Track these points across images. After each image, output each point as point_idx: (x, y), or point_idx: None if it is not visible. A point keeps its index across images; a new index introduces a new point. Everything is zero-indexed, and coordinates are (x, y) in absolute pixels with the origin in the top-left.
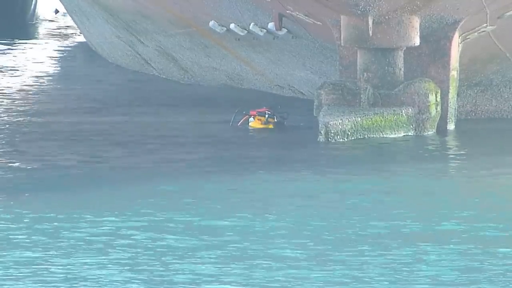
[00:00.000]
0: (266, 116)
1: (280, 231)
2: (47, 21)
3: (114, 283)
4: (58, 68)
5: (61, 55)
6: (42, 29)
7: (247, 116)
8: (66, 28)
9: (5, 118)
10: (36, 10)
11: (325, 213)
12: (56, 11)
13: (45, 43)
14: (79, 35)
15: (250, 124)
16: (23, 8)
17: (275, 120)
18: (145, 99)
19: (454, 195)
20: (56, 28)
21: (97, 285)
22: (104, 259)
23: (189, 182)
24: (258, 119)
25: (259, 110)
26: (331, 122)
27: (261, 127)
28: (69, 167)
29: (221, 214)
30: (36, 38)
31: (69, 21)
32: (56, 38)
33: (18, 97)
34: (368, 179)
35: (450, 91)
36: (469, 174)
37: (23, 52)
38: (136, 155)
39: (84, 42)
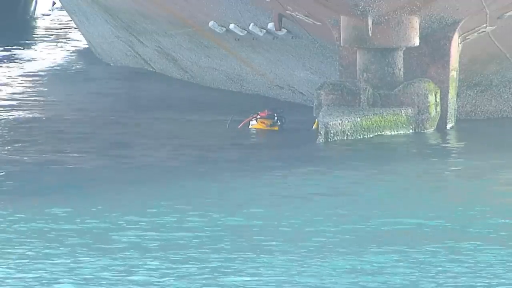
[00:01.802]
0: (275, 119)
1: (279, 230)
2: (45, 16)
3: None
4: (57, 68)
5: (60, 54)
6: (40, 26)
7: (251, 117)
8: (63, 25)
9: (5, 116)
10: (36, 8)
11: (325, 213)
12: (53, 3)
13: (43, 42)
14: (74, 31)
15: (251, 126)
16: (25, 7)
17: (279, 123)
18: (144, 99)
19: (454, 196)
20: (53, 24)
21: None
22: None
23: (188, 183)
24: (261, 122)
25: (263, 113)
26: (331, 122)
27: (264, 129)
28: (68, 166)
29: (222, 213)
30: (34, 37)
31: (65, 16)
32: (54, 37)
33: (16, 94)
34: (367, 179)
35: (449, 91)
36: (469, 174)
37: (21, 54)
38: (146, 154)
39: (83, 41)
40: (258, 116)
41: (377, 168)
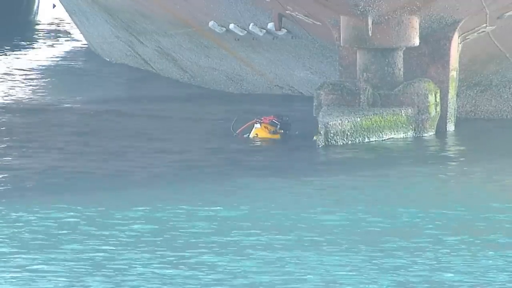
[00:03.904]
0: (278, 127)
1: (278, 231)
2: (47, 18)
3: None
4: (56, 68)
5: (60, 53)
6: (43, 25)
7: (254, 121)
8: (63, 25)
9: (5, 117)
10: (39, 9)
11: (326, 214)
12: (54, 6)
13: (44, 42)
14: (72, 31)
15: (254, 131)
16: (28, 8)
17: (281, 132)
18: (143, 98)
19: (454, 197)
20: (55, 25)
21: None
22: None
23: (187, 185)
24: (265, 127)
25: (268, 118)
26: (331, 123)
27: (267, 137)
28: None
29: (222, 215)
30: (36, 36)
31: (67, 17)
32: (55, 37)
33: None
34: (367, 181)
35: (449, 91)
36: (469, 176)
37: (24, 54)
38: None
39: (84, 41)
40: (261, 121)
41: (376, 171)
